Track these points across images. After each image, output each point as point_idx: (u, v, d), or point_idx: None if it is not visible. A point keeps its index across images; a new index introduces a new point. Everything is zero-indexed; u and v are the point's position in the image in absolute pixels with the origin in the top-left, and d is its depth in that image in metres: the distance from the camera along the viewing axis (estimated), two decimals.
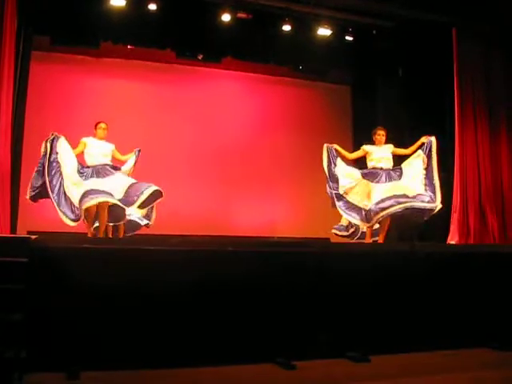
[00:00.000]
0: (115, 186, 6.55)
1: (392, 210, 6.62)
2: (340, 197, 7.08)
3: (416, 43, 9.69)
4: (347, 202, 7.06)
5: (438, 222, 8.60)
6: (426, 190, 6.93)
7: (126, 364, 4.46)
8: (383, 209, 6.66)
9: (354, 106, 11.75)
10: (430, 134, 7.22)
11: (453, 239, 8.75)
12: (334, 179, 7.14)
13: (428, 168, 7.06)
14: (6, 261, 4.76)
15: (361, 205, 6.98)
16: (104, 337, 4.56)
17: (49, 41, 9.01)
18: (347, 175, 7.16)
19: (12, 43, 7.55)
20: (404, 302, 5.51)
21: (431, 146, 7.12)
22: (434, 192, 6.91)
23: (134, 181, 6.73)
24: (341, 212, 7.09)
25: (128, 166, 7.18)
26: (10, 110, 7.48)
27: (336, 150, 7.29)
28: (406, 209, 6.66)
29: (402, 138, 7.95)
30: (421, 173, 7.07)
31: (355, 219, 7.01)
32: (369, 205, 6.85)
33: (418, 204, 6.70)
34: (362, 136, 7.32)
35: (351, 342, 5.22)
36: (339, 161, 7.26)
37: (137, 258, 4.84)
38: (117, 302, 4.63)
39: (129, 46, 9.77)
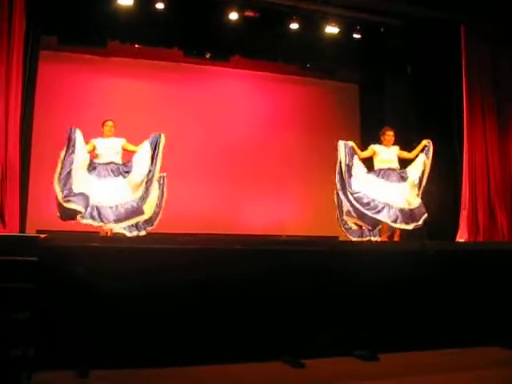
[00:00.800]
0: (118, 190, 6.65)
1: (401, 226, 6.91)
2: (364, 202, 6.90)
3: (424, 41, 9.65)
4: (369, 202, 6.92)
5: (447, 220, 8.59)
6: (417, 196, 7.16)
7: (134, 362, 4.47)
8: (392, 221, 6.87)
9: (362, 105, 11.73)
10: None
11: (462, 237, 8.71)
12: (353, 183, 6.93)
13: (424, 171, 7.18)
14: (15, 260, 4.78)
15: (383, 201, 6.94)
16: (112, 335, 4.58)
17: (57, 40, 9.04)
18: (366, 178, 7.05)
19: (20, 43, 7.58)
20: (412, 300, 5.50)
21: (429, 149, 7.21)
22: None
23: (132, 199, 6.72)
24: (370, 215, 6.88)
25: (142, 163, 6.84)
26: (18, 110, 7.51)
27: (352, 148, 7.09)
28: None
29: (409, 136, 7.93)
30: (417, 175, 7.17)
31: (384, 217, 6.91)
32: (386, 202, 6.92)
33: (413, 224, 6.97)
34: (370, 135, 7.32)
35: (359, 341, 5.21)
36: (356, 160, 7.06)
37: (145, 256, 4.85)
38: (125, 301, 4.65)
39: (136, 46, 9.78)
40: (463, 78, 9.24)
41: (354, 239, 8.29)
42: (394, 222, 6.85)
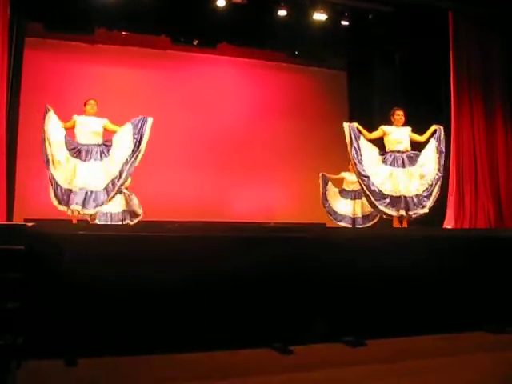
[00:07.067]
0: (98, 175, 6.54)
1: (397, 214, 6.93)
2: (379, 192, 6.88)
3: (412, 28, 9.65)
4: (382, 194, 6.90)
5: (433, 206, 8.62)
6: (427, 188, 7.06)
7: (123, 350, 4.48)
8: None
9: (351, 92, 11.74)
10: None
11: (449, 223, 8.78)
12: (363, 169, 6.86)
13: (440, 157, 7.12)
14: (2, 248, 4.75)
15: (387, 192, 6.92)
16: (101, 323, 4.58)
17: (42, 27, 8.95)
18: (375, 163, 6.96)
19: (5, 29, 7.51)
20: (400, 286, 5.53)
21: (441, 134, 7.20)
22: (430, 193, 7.07)
23: (116, 173, 6.60)
24: (380, 207, 6.91)
25: (122, 146, 6.65)
26: (4, 97, 7.46)
27: (357, 129, 7.01)
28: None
29: None
30: (434, 161, 7.10)
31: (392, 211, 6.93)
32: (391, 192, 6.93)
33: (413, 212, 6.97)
34: (359, 122, 7.32)
35: (348, 327, 5.24)
36: (362, 141, 6.97)
37: (133, 244, 4.85)
38: (113, 289, 4.64)
39: (123, 33, 9.73)
40: (451, 64, 9.26)
41: (342, 224, 8.34)
42: (397, 211, 6.91)
